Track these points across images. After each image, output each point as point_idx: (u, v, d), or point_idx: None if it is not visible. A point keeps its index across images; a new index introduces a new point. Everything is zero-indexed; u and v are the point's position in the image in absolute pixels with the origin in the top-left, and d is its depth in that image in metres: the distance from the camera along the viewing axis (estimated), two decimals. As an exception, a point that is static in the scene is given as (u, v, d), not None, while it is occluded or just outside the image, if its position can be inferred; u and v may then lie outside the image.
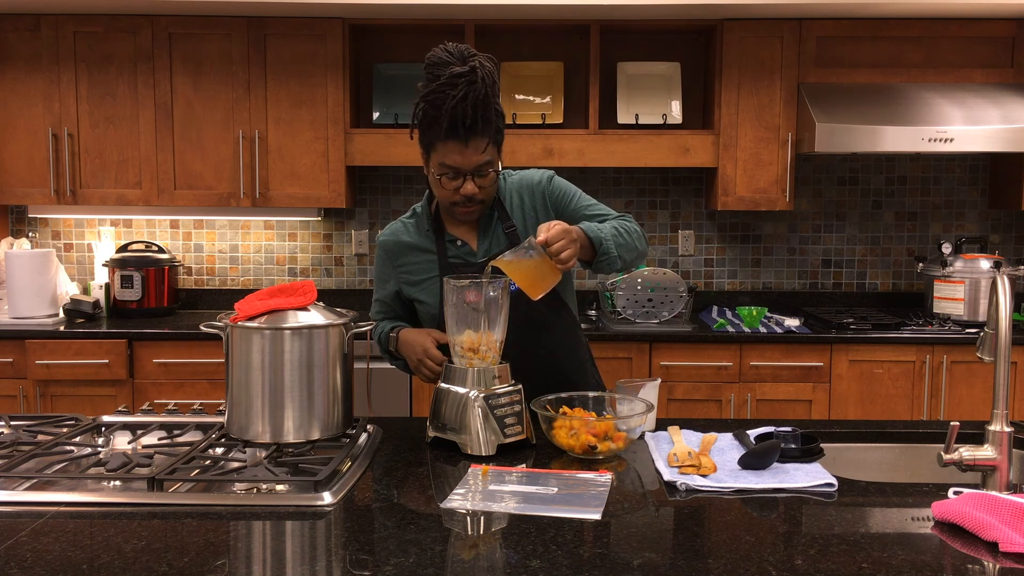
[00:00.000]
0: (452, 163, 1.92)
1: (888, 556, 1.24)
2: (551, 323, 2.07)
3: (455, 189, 1.95)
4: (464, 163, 1.91)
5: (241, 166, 3.67)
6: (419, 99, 1.90)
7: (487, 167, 1.94)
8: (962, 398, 3.45)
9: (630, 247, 1.95)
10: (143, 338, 3.45)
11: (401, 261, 2.11)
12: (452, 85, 1.83)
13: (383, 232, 2.16)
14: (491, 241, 2.06)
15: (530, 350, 2.02)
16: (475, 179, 1.94)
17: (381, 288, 2.17)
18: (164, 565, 1.19)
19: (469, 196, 1.95)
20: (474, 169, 1.93)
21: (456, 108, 1.83)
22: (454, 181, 1.94)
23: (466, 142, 1.89)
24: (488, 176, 1.95)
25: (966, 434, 1.72)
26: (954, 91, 3.58)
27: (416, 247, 2.10)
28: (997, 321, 1.48)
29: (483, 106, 1.86)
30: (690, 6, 3.48)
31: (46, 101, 3.67)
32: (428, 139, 1.95)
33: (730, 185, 3.69)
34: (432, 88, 1.86)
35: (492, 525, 1.36)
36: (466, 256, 2.06)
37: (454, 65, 1.84)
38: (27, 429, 1.81)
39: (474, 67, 1.84)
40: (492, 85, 1.88)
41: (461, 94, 1.83)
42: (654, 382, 1.90)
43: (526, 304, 1.93)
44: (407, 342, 2.03)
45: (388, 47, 3.95)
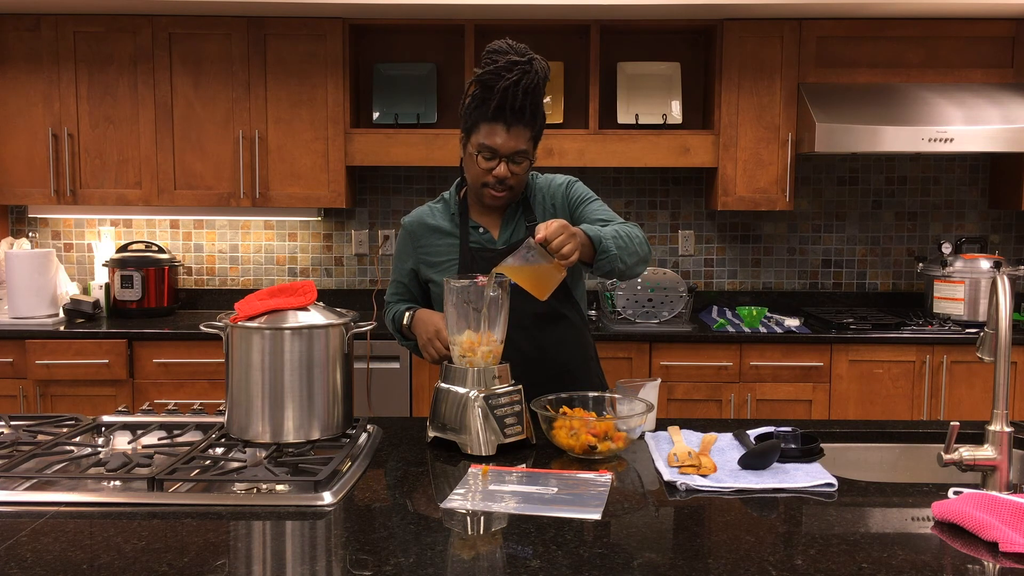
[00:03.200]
0: (492, 144, 1.99)
1: (888, 556, 1.24)
2: (559, 320, 2.12)
3: (488, 170, 2.01)
4: (503, 146, 1.99)
5: (241, 166, 3.67)
6: (473, 79, 1.99)
7: (523, 156, 2.02)
8: (962, 398, 3.45)
9: (630, 250, 1.97)
10: (143, 338, 3.45)
11: (422, 242, 2.16)
12: (508, 69, 1.93)
13: (408, 216, 2.22)
14: (512, 231, 2.12)
15: (537, 345, 2.08)
16: (509, 164, 2.00)
17: (399, 267, 2.21)
18: (164, 565, 1.19)
19: (501, 179, 2.01)
20: (511, 154, 2.00)
21: (508, 90, 1.93)
22: (489, 162, 2.01)
23: (509, 127, 1.98)
24: (521, 165, 2.03)
25: (966, 434, 1.72)
26: (954, 91, 3.58)
27: (439, 230, 2.15)
28: (997, 321, 1.48)
29: (532, 95, 1.96)
30: (690, 6, 3.48)
31: (46, 101, 3.67)
32: (474, 119, 2.02)
33: (730, 185, 3.69)
34: (488, 70, 1.95)
35: (492, 525, 1.36)
36: (486, 243, 2.11)
37: (512, 55, 1.94)
38: (27, 429, 1.81)
39: (532, 59, 1.95)
40: (544, 82, 1.98)
41: (515, 78, 1.93)
42: (654, 382, 1.90)
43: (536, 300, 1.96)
44: (421, 321, 2.06)
45: (388, 47, 3.95)
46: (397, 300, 2.22)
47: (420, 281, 2.19)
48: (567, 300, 2.13)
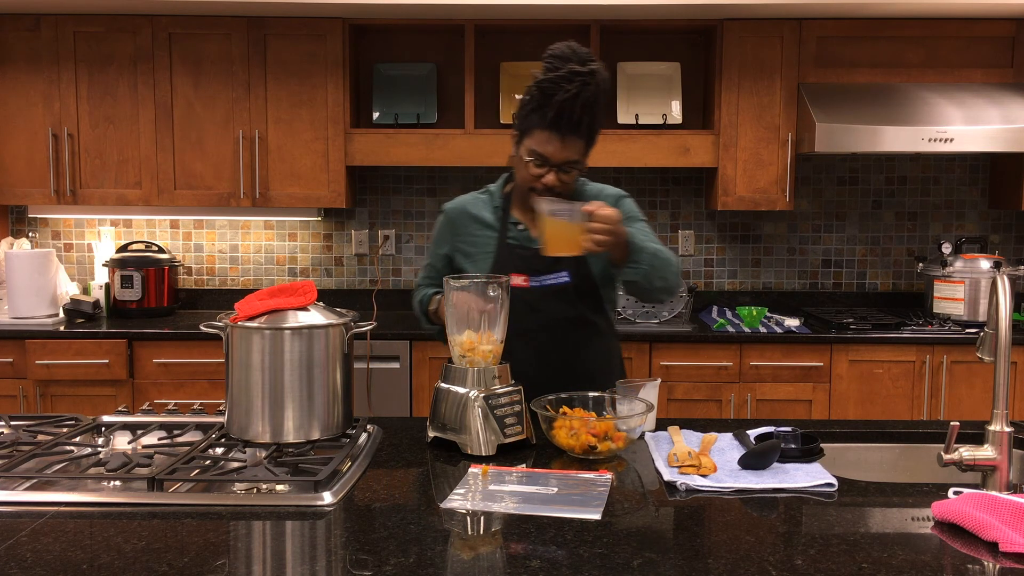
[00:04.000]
0: (544, 152, 1.98)
1: (888, 556, 1.24)
2: (587, 326, 2.11)
3: (538, 176, 2.01)
4: (555, 155, 1.98)
5: (241, 166, 3.67)
6: (533, 84, 1.97)
7: (574, 165, 2.01)
8: (962, 398, 3.45)
9: (660, 274, 1.96)
10: (143, 338, 3.45)
11: (461, 230, 2.16)
12: (568, 80, 1.91)
13: (450, 202, 2.22)
14: None
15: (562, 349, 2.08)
16: (559, 173, 2.00)
17: (435, 252, 2.22)
18: (164, 565, 1.19)
19: (549, 187, 2.00)
20: (562, 164, 1.99)
21: (566, 103, 1.91)
22: (540, 169, 2.00)
23: (563, 137, 1.96)
24: (571, 174, 2.02)
25: (966, 434, 1.72)
26: (954, 91, 3.58)
27: (480, 220, 2.15)
28: (997, 321, 1.48)
29: (590, 109, 1.94)
30: (690, 6, 3.48)
31: (46, 101, 3.67)
32: (529, 123, 2.01)
33: (730, 185, 3.69)
34: (549, 77, 1.93)
35: (492, 525, 1.36)
36: (524, 240, 2.11)
37: (574, 63, 1.92)
38: (27, 429, 1.81)
39: (593, 71, 1.93)
40: (604, 93, 1.97)
41: (574, 91, 1.91)
42: (654, 382, 1.90)
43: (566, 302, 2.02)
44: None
45: (388, 47, 3.95)
46: (428, 284, 2.23)
47: (453, 268, 2.18)
48: (597, 308, 2.13)
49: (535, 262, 2.06)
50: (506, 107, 3.85)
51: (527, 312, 2.05)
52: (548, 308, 2.07)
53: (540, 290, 2.07)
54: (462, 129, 3.72)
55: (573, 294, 2.08)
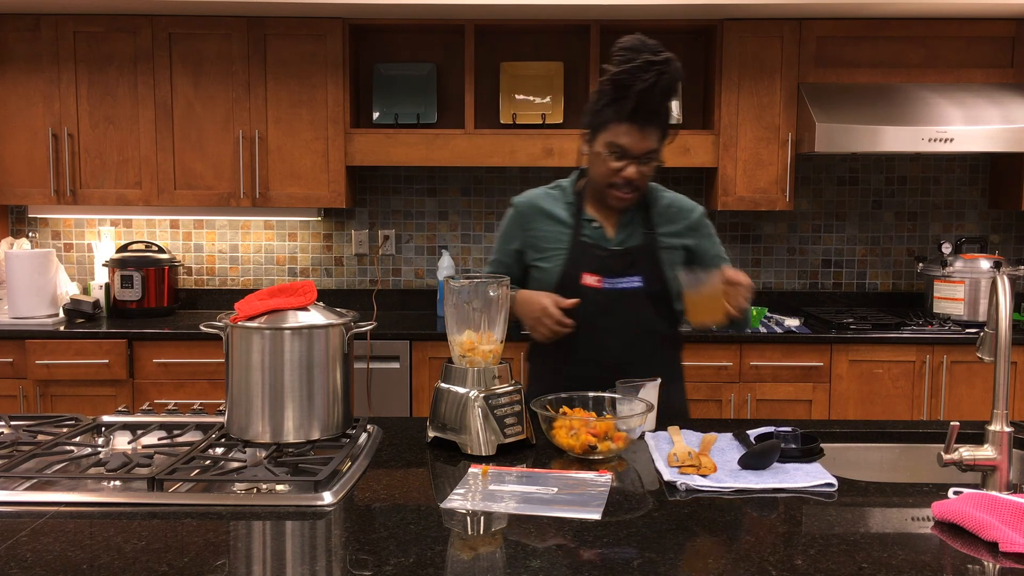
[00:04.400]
0: (623, 144, 1.96)
1: (888, 556, 1.24)
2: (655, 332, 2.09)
3: (617, 170, 1.98)
4: (635, 146, 1.96)
5: (241, 166, 3.67)
6: (607, 77, 1.95)
7: (653, 156, 1.99)
8: (962, 398, 3.45)
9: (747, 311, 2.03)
10: (143, 338, 3.45)
11: (532, 225, 2.13)
12: (644, 70, 1.89)
13: (519, 196, 2.18)
14: (628, 234, 2.08)
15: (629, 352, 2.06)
16: (639, 165, 1.97)
17: (503, 247, 2.18)
18: (164, 565, 1.19)
19: (629, 180, 1.98)
20: (642, 155, 1.97)
21: (645, 92, 1.89)
22: (619, 162, 1.98)
23: (643, 127, 1.95)
24: (650, 165, 2.00)
25: (966, 434, 1.72)
26: (954, 91, 3.58)
27: (552, 216, 2.12)
28: (997, 321, 1.48)
29: (667, 98, 1.94)
30: (690, 6, 3.48)
31: (46, 101, 3.67)
32: (604, 117, 1.98)
33: (730, 185, 3.69)
34: (625, 69, 1.91)
35: (492, 525, 1.36)
36: (599, 239, 2.08)
37: (647, 54, 1.90)
38: (27, 429, 1.81)
39: (668, 59, 1.91)
40: (677, 82, 1.94)
41: (652, 80, 1.89)
42: (654, 382, 1.90)
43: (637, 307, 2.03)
44: (526, 301, 2.01)
45: (388, 47, 3.95)
46: None
47: (523, 264, 2.15)
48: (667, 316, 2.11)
49: (610, 262, 2.04)
50: (506, 107, 3.85)
51: (597, 313, 2.03)
52: (618, 311, 2.04)
53: (612, 292, 2.03)
54: (462, 129, 3.72)
55: (644, 299, 2.05)
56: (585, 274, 2.04)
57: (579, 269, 2.04)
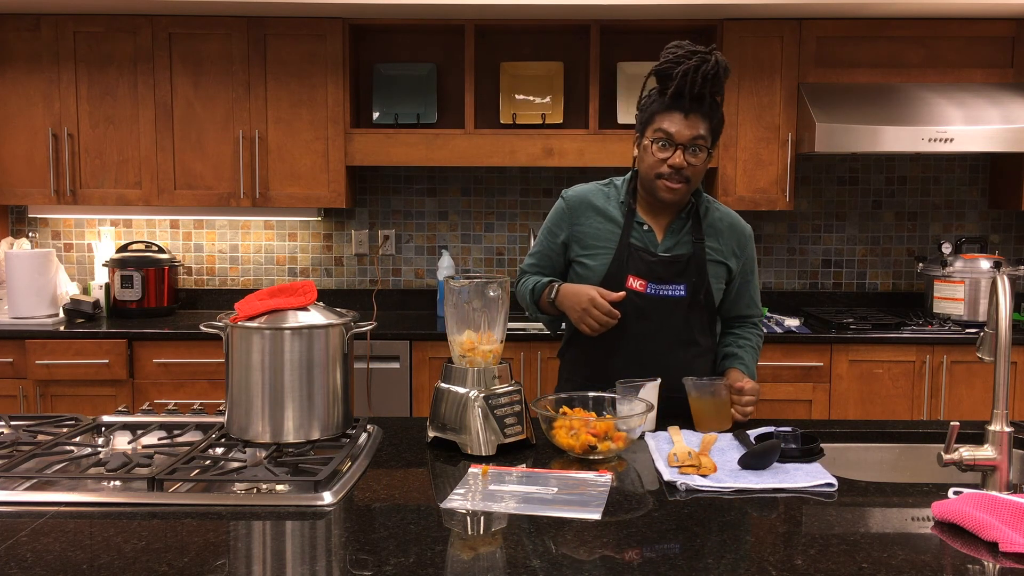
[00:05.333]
0: (668, 130, 1.95)
1: (888, 556, 1.24)
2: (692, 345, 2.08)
3: (664, 159, 1.97)
4: (680, 133, 1.95)
5: (241, 166, 3.67)
6: (651, 70, 1.97)
7: (701, 143, 1.96)
8: (962, 398, 3.45)
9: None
10: (143, 338, 3.45)
11: (581, 220, 2.11)
12: (687, 57, 1.91)
13: (570, 189, 2.16)
14: (677, 240, 2.06)
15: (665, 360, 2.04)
16: (686, 153, 1.96)
17: (548, 240, 2.15)
18: (164, 565, 1.19)
19: (677, 167, 1.96)
20: (689, 141, 1.95)
21: (687, 75, 1.90)
22: (665, 151, 1.97)
23: (687, 114, 1.94)
24: (699, 156, 1.97)
25: (966, 434, 1.72)
26: (954, 91, 3.58)
27: (602, 212, 2.10)
28: (997, 321, 1.48)
29: (712, 83, 1.92)
30: (690, 6, 3.48)
31: (46, 101, 3.67)
32: (650, 111, 1.99)
33: (730, 185, 3.69)
34: (667, 59, 1.94)
35: (492, 525, 1.36)
36: (647, 243, 2.06)
37: (690, 47, 1.93)
38: (27, 429, 1.81)
39: (712, 50, 1.93)
40: (726, 71, 1.94)
41: (695, 64, 1.90)
42: (654, 382, 1.90)
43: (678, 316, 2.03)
44: (571, 294, 2.00)
45: (388, 47, 3.95)
46: (535, 272, 2.17)
47: (567, 258, 2.13)
48: (707, 328, 2.10)
49: (657, 268, 2.02)
50: (506, 107, 3.85)
51: (637, 317, 2.02)
52: (659, 318, 2.02)
53: (655, 299, 2.02)
54: (462, 129, 3.72)
55: (686, 309, 2.04)
56: (631, 277, 2.02)
57: (625, 271, 2.02)
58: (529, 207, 4.08)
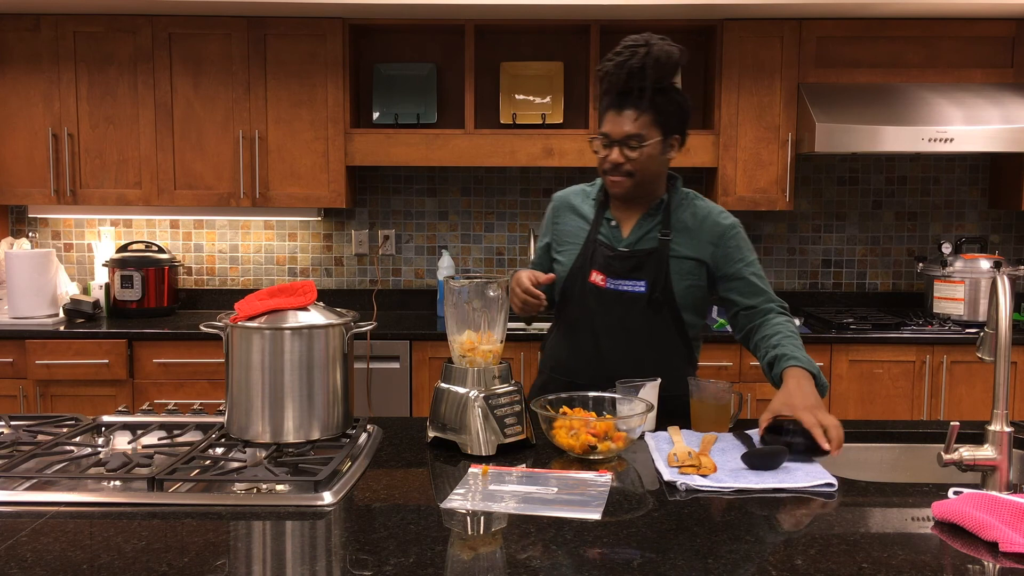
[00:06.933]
0: (604, 129, 1.98)
1: (888, 556, 1.24)
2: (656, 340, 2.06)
3: (604, 157, 1.99)
4: (613, 131, 1.96)
5: (241, 166, 3.67)
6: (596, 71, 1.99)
7: (635, 140, 1.95)
8: (962, 398, 3.45)
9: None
10: (143, 338, 3.45)
11: (560, 220, 2.16)
12: (619, 53, 1.92)
13: (559, 191, 2.21)
14: (641, 236, 2.05)
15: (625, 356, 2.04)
16: (623, 150, 1.96)
17: (541, 241, 2.22)
18: (164, 565, 1.19)
19: (614, 164, 1.98)
20: (622, 139, 1.96)
21: (613, 73, 1.92)
22: (605, 149, 1.99)
23: (619, 110, 1.95)
24: (637, 150, 1.96)
25: (966, 434, 1.72)
26: (954, 91, 3.58)
27: (577, 211, 2.14)
28: (997, 321, 1.48)
29: (639, 76, 1.90)
30: (690, 6, 3.48)
31: (46, 101, 3.67)
32: (600, 113, 2.02)
33: (730, 185, 3.69)
34: (605, 57, 1.95)
35: (492, 525, 1.36)
36: (612, 238, 2.07)
37: (632, 41, 1.92)
38: (27, 429, 1.81)
39: (647, 42, 1.91)
40: (659, 66, 1.90)
41: (620, 60, 1.90)
42: (654, 382, 1.91)
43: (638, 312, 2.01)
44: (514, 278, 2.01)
45: (388, 47, 3.95)
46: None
47: (550, 257, 2.16)
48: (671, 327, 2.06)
49: (615, 263, 2.03)
50: (506, 107, 3.85)
51: (599, 312, 2.03)
52: (618, 313, 2.02)
53: (614, 293, 2.02)
54: (462, 129, 3.72)
55: (646, 305, 2.02)
56: (593, 271, 2.04)
57: (589, 266, 2.05)
58: (529, 207, 4.08)
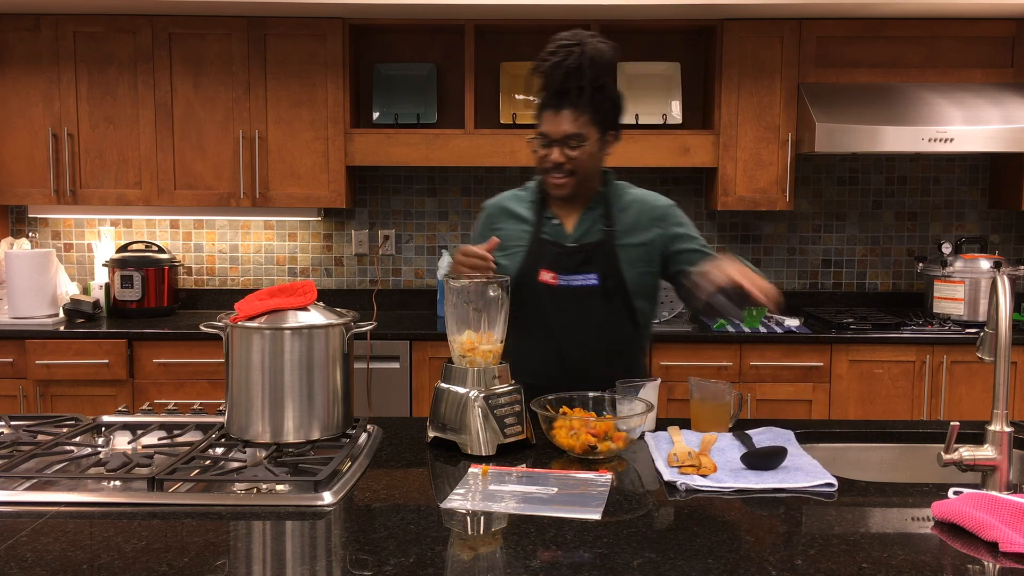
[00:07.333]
0: (543, 129, 1.99)
1: (888, 556, 1.24)
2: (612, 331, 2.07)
3: (545, 157, 2.00)
4: (552, 130, 1.97)
5: (241, 166, 3.67)
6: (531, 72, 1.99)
7: (576, 140, 1.97)
8: (962, 398, 3.45)
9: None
10: (143, 338, 3.45)
11: (498, 225, 2.16)
12: (554, 53, 1.92)
13: (490, 199, 2.22)
14: (586, 230, 2.07)
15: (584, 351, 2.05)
16: (564, 149, 1.98)
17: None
18: (164, 565, 1.19)
19: (555, 164, 1.99)
20: (561, 138, 1.97)
21: (549, 73, 1.93)
22: (544, 149, 2.00)
23: (558, 109, 1.96)
24: (577, 149, 1.98)
25: (966, 434, 1.72)
26: (954, 91, 3.58)
27: (516, 216, 2.14)
28: (997, 321, 1.48)
29: (576, 75, 1.92)
30: (690, 6, 3.48)
31: (46, 101, 3.67)
32: (537, 112, 2.02)
33: (730, 185, 3.69)
34: (539, 56, 1.95)
35: (492, 525, 1.36)
36: (558, 236, 2.08)
37: (564, 40, 1.93)
38: (27, 429, 1.81)
39: (580, 42, 1.92)
40: (594, 65, 1.92)
41: (557, 60, 1.91)
42: (654, 382, 1.91)
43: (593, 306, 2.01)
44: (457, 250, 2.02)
45: (388, 47, 3.95)
46: None
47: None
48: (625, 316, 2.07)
49: (565, 260, 2.04)
50: (506, 107, 3.85)
51: (553, 310, 2.04)
52: (573, 309, 2.03)
53: (567, 290, 2.03)
54: (462, 129, 3.72)
55: (600, 298, 2.03)
56: (542, 270, 2.05)
57: (537, 265, 2.05)
58: (529, 207, 4.08)
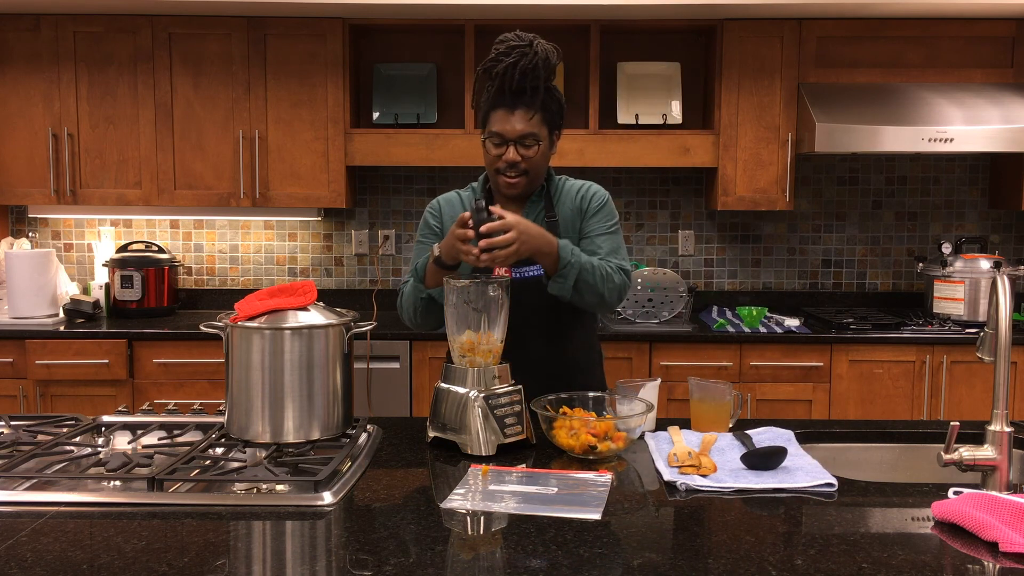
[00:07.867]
0: (498, 129, 2.01)
1: (888, 556, 1.24)
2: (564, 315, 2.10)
3: (499, 156, 2.02)
4: (508, 130, 1.99)
5: (241, 166, 3.67)
6: (477, 70, 2.01)
7: (531, 139, 2.01)
8: (962, 398, 3.45)
9: (591, 287, 1.94)
10: (143, 338, 3.45)
11: (445, 226, 2.16)
12: (506, 54, 1.95)
13: (434, 200, 2.23)
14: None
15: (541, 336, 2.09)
16: (518, 148, 2.00)
17: (421, 252, 2.16)
18: (164, 565, 1.19)
19: (511, 163, 2.01)
20: (517, 137, 2.00)
21: (506, 73, 1.94)
22: (498, 148, 2.02)
23: (512, 109, 1.99)
24: (532, 148, 2.02)
25: (966, 434, 1.72)
26: (954, 91, 3.58)
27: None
28: (997, 321, 1.48)
29: (532, 76, 1.95)
30: (690, 6, 3.48)
31: (46, 101, 3.67)
32: (484, 110, 2.04)
33: (730, 185, 3.69)
34: (489, 57, 1.97)
35: (492, 525, 1.36)
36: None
37: (513, 41, 1.96)
38: (27, 429, 1.81)
39: (532, 42, 1.95)
40: (547, 66, 1.97)
41: (513, 60, 1.94)
42: (654, 382, 1.91)
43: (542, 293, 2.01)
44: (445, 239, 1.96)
45: (388, 47, 3.95)
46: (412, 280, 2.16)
47: None
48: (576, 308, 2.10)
49: None
50: (506, 107, 3.85)
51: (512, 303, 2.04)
52: (527, 299, 2.06)
53: (521, 282, 2.06)
54: (462, 129, 3.72)
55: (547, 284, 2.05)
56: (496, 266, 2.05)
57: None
58: (529, 207, 4.08)
